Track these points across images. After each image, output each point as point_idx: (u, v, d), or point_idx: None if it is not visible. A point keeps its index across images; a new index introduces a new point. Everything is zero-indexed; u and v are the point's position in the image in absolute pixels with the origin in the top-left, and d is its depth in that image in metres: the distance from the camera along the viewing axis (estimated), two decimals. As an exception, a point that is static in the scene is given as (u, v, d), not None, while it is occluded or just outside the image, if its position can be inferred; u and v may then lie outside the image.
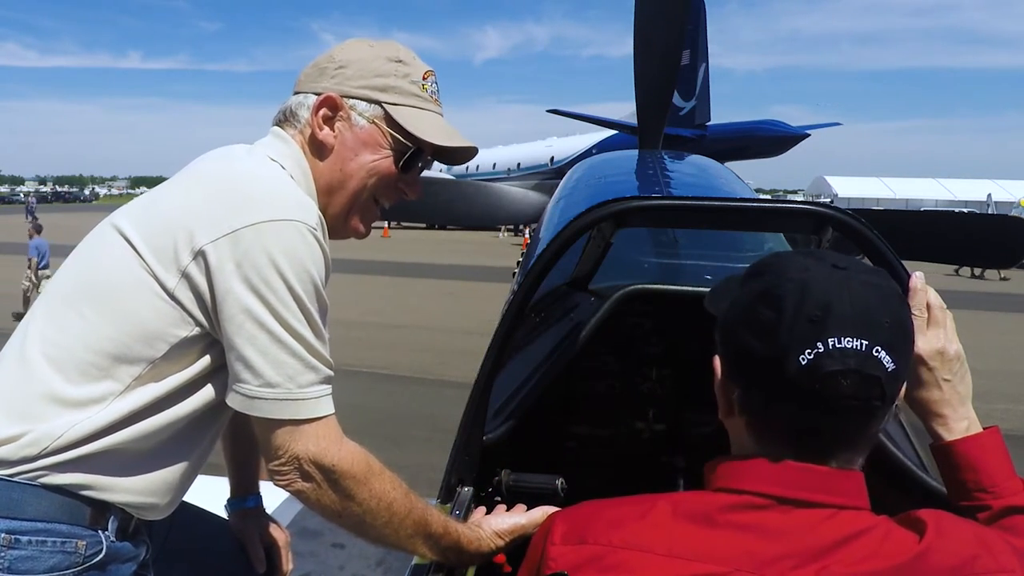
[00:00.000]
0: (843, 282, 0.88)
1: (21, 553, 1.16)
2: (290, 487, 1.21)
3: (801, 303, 0.87)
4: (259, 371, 1.16)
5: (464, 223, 20.92)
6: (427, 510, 1.28)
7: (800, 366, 0.85)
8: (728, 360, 0.95)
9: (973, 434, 1.09)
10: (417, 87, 1.37)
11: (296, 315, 1.17)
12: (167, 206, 1.23)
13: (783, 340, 0.86)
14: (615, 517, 0.92)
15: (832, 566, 0.83)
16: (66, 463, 1.16)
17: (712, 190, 2.80)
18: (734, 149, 29.24)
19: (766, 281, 0.92)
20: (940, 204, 46.00)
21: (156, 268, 1.17)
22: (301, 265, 1.17)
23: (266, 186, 1.23)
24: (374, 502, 1.22)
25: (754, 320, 0.89)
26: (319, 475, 1.19)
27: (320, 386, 1.20)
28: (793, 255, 0.96)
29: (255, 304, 1.14)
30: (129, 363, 1.18)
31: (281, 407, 1.17)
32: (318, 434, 1.19)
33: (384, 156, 1.35)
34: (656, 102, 3.66)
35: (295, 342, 1.16)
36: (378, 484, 1.23)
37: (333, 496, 1.21)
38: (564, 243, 1.65)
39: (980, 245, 3.78)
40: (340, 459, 1.20)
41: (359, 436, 1.25)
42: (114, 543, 1.24)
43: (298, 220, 1.17)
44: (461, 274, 19.53)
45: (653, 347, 2.15)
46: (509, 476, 1.70)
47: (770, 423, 0.91)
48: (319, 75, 1.36)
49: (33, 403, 1.17)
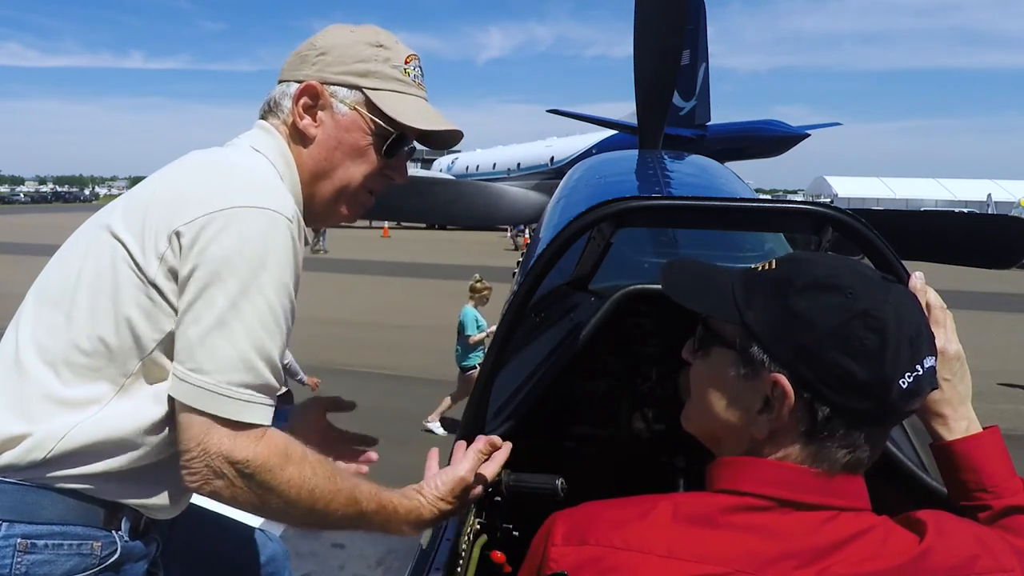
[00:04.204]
0: (908, 297, 0.91)
1: (38, 557, 1.15)
2: (202, 489, 1.13)
3: (899, 325, 0.86)
4: (193, 353, 1.11)
5: (464, 223, 20.92)
6: (356, 489, 1.21)
7: (902, 390, 0.86)
8: (807, 381, 0.87)
9: (973, 434, 1.09)
10: (399, 71, 1.35)
11: (252, 305, 1.11)
12: (149, 194, 1.22)
13: (889, 366, 0.85)
14: (616, 518, 0.92)
15: (833, 567, 0.83)
16: (75, 465, 1.16)
17: (712, 190, 2.80)
18: (734, 149, 29.22)
19: (851, 300, 0.87)
20: (940, 204, 46.00)
21: (138, 255, 1.15)
22: (270, 254, 1.13)
23: (245, 174, 1.22)
24: (293, 492, 1.14)
25: (854, 344, 0.85)
26: (231, 472, 1.11)
27: (251, 391, 1.12)
28: (843, 266, 0.92)
29: (212, 284, 1.10)
30: (121, 361, 1.17)
31: (203, 398, 1.10)
32: (236, 433, 1.11)
33: (367, 143, 1.34)
34: (656, 102, 3.66)
35: (241, 334, 1.11)
36: (296, 472, 1.15)
37: (248, 493, 1.13)
38: (564, 243, 1.65)
39: (980, 245, 3.78)
40: (255, 454, 1.12)
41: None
42: (128, 542, 1.24)
43: (274, 210, 1.15)
44: (461, 274, 19.52)
45: (653, 347, 2.15)
46: (509, 476, 1.69)
47: (831, 439, 0.88)
48: (300, 63, 1.36)
49: (32, 404, 1.16)
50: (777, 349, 0.89)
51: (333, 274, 18.89)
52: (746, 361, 0.92)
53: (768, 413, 0.90)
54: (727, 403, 0.95)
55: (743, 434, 0.94)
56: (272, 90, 1.39)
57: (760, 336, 0.90)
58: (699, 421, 1.01)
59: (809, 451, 0.89)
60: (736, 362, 0.93)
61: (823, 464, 0.89)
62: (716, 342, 0.97)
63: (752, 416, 0.92)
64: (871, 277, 0.91)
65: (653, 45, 3.43)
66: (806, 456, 0.89)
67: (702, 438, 1.02)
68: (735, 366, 0.93)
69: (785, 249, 2.62)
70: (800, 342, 0.87)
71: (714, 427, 0.98)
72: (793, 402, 0.88)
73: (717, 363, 0.96)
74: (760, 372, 0.90)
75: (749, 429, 0.92)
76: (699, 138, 28.93)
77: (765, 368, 0.90)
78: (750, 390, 0.92)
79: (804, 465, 0.89)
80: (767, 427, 0.90)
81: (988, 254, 3.91)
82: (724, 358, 0.95)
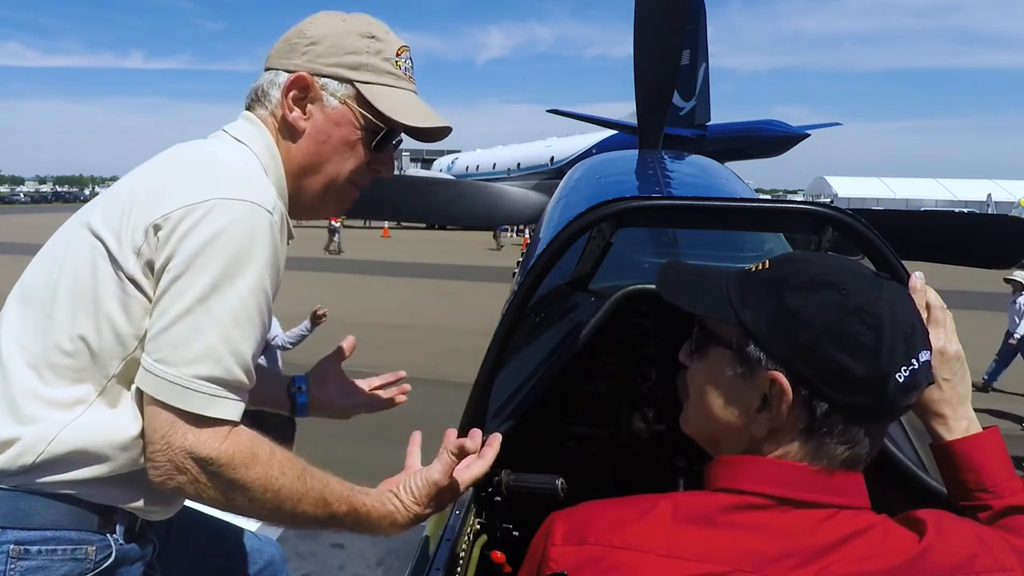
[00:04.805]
0: (902, 292, 0.92)
1: (32, 563, 1.14)
2: (166, 484, 1.10)
3: (894, 320, 0.87)
4: (160, 344, 1.09)
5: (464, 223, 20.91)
6: (326, 490, 1.19)
7: (898, 384, 0.86)
8: (805, 379, 0.88)
9: (973, 434, 1.09)
10: (390, 64, 1.32)
11: (223, 298, 1.09)
12: (128, 189, 1.20)
13: (885, 360, 0.86)
14: (615, 517, 0.92)
15: (833, 565, 0.83)
16: (66, 470, 1.15)
17: (712, 190, 2.80)
18: (734, 149, 29.25)
19: (846, 296, 0.87)
20: (940, 204, 46.03)
21: (115, 251, 1.13)
22: (247, 247, 1.11)
23: (226, 166, 1.20)
24: (259, 491, 1.12)
25: (850, 339, 0.86)
26: (195, 468, 1.09)
27: (216, 386, 1.09)
28: (837, 264, 0.93)
29: (184, 275, 1.08)
30: (104, 362, 1.15)
31: (168, 390, 1.08)
32: (200, 428, 1.09)
33: (356, 137, 1.31)
34: (656, 102, 3.67)
35: (209, 326, 1.08)
36: (262, 471, 1.12)
37: (213, 490, 1.11)
38: (564, 243, 1.65)
39: (980, 245, 3.78)
40: (219, 451, 1.09)
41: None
42: (123, 545, 1.24)
43: (253, 201, 1.13)
44: (462, 274, 19.52)
45: (653, 347, 2.15)
46: (509, 476, 1.70)
47: (830, 435, 0.89)
48: (290, 51, 1.31)
49: (18, 403, 1.15)
50: (774, 347, 0.89)
51: (333, 274, 18.89)
52: (743, 360, 0.92)
53: (767, 411, 0.90)
54: (725, 402, 0.95)
55: (742, 433, 0.94)
56: (259, 77, 1.35)
57: (757, 335, 0.91)
58: (698, 423, 1.01)
59: (808, 448, 0.89)
60: (733, 361, 0.93)
61: (822, 461, 0.89)
62: (713, 342, 0.97)
63: (751, 415, 0.92)
64: (865, 274, 0.92)
65: (653, 45, 3.44)
66: (805, 453, 0.90)
67: (701, 441, 1.02)
68: (732, 365, 0.93)
69: (785, 249, 2.62)
70: (797, 339, 0.88)
71: (713, 428, 0.98)
72: (791, 399, 0.88)
73: (714, 363, 0.96)
74: (757, 371, 0.90)
75: (748, 428, 0.92)
76: (699, 138, 28.94)
77: (762, 366, 0.90)
78: (748, 389, 0.92)
79: (803, 462, 0.89)
80: (766, 425, 0.91)
81: (988, 254, 3.91)
82: (721, 358, 0.95)
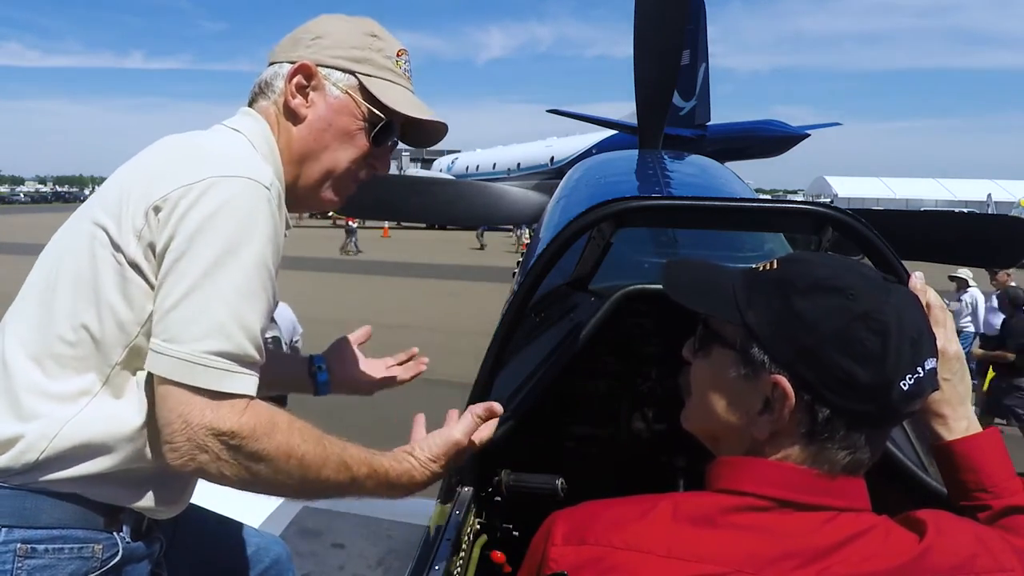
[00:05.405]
0: (909, 298, 0.91)
1: (39, 562, 1.14)
2: (187, 466, 1.08)
3: (900, 327, 0.86)
4: (168, 324, 1.08)
5: (464, 223, 20.89)
6: (345, 454, 1.19)
7: (903, 392, 0.86)
8: (808, 383, 0.87)
9: (973, 434, 1.08)
10: (391, 62, 1.37)
11: (228, 272, 1.08)
12: (126, 177, 1.21)
13: (890, 368, 0.85)
14: (616, 518, 0.92)
15: (834, 567, 0.83)
16: (70, 466, 1.15)
17: (712, 190, 2.80)
18: (734, 149, 29.26)
19: (853, 301, 0.86)
20: (940, 204, 45.98)
21: (116, 237, 1.14)
22: (247, 222, 1.11)
23: (220, 148, 1.22)
24: (283, 459, 1.11)
25: (855, 346, 0.85)
26: (217, 444, 1.07)
27: (229, 361, 1.08)
28: (845, 268, 0.92)
29: (187, 253, 1.08)
30: (106, 350, 1.15)
31: (180, 368, 1.07)
32: (218, 403, 1.07)
33: (357, 127, 1.34)
34: (656, 102, 3.67)
35: (216, 301, 1.08)
36: (284, 439, 1.11)
37: (236, 467, 1.08)
38: (564, 243, 1.65)
39: (980, 245, 3.78)
40: (240, 424, 1.07)
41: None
42: (129, 544, 1.24)
43: (252, 178, 1.14)
44: (462, 274, 19.53)
45: (653, 347, 2.15)
46: (509, 476, 1.70)
47: (831, 441, 0.88)
48: (294, 45, 1.36)
49: (20, 399, 1.15)
50: (778, 350, 0.89)
51: (333, 274, 18.90)
52: (746, 362, 0.91)
53: (768, 414, 0.90)
54: (727, 403, 0.95)
55: (743, 434, 0.93)
56: (263, 72, 1.37)
57: (761, 337, 0.90)
58: (699, 421, 1.01)
59: (809, 452, 0.89)
60: (736, 362, 0.93)
61: (823, 465, 0.89)
62: (716, 342, 0.97)
63: (752, 417, 0.91)
64: (872, 278, 0.91)
65: (653, 45, 3.44)
66: (806, 457, 0.89)
67: (702, 437, 1.02)
68: (735, 366, 0.93)
69: (785, 249, 2.62)
70: (801, 344, 0.87)
71: (714, 427, 0.98)
72: (794, 403, 0.88)
73: (717, 363, 0.96)
74: (760, 373, 0.90)
75: (749, 429, 0.92)
76: (699, 138, 28.95)
77: (765, 369, 0.89)
78: (750, 391, 0.91)
79: (804, 466, 0.89)
80: (768, 428, 0.90)
81: (988, 254, 3.91)
82: (724, 358, 0.95)
